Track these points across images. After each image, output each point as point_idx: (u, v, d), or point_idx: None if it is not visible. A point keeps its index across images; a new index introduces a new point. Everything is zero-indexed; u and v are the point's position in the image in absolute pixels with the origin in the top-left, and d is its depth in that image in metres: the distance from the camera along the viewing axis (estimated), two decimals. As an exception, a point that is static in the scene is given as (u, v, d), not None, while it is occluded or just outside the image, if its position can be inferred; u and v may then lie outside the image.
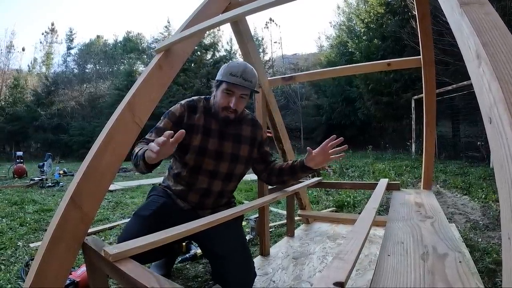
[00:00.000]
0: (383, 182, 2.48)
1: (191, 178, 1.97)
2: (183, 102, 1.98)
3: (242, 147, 2.06)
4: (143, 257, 1.53)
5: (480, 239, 3.03)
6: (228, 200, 2.17)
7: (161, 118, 1.94)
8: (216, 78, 1.93)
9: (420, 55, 2.46)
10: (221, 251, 1.82)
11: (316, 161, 1.89)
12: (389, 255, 1.14)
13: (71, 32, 37.58)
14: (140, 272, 1.02)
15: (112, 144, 1.31)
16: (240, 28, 2.38)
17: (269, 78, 2.88)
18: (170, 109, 1.95)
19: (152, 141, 1.67)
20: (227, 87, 1.85)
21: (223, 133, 1.98)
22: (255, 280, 1.99)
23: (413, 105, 12.46)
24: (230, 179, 2.07)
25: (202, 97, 2.05)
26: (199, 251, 2.72)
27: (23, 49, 37.56)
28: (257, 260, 2.47)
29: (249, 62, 2.49)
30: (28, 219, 4.20)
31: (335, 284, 0.77)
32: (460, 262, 1.07)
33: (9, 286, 2.28)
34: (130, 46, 35.45)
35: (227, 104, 1.87)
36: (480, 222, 3.62)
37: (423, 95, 2.55)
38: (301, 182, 2.69)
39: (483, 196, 4.69)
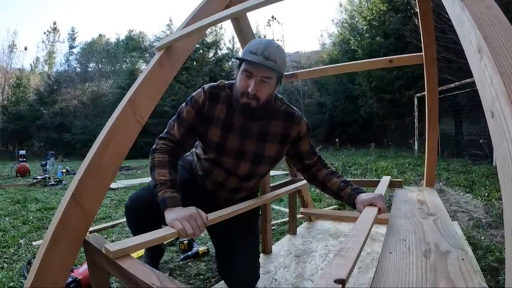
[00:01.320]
0: (385, 180, 2.47)
1: (208, 168, 1.83)
2: (206, 87, 1.73)
3: (269, 146, 1.79)
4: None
5: (483, 237, 3.02)
6: (245, 195, 1.99)
7: (184, 104, 1.72)
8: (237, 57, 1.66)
9: (422, 52, 2.45)
10: (233, 247, 1.80)
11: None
12: (391, 253, 1.13)
13: (73, 31, 37.69)
14: (141, 269, 1.02)
15: (113, 142, 1.31)
16: (241, 25, 2.37)
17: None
18: (192, 94, 1.73)
19: (177, 138, 1.67)
20: (245, 67, 1.56)
21: (246, 130, 1.74)
22: (256, 278, 2.00)
23: (415, 102, 12.43)
24: (250, 179, 1.88)
25: (227, 83, 1.76)
26: (201, 248, 2.72)
27: (26, 49, 37.43)
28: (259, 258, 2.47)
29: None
30: (31, 217, 4.21)
31: (336, 281, 0.77)
32: (462, 259, 1.06)
33: (12, 284, 2.29)
34: (132, 45, 35.52)
35: (246, 88, 1.56)
36: (483, 220, 3.61)
37: (426, 92, 2.54)
38: (302, 180, 2.68)
39: (486, 194, 4.67)
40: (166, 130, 1.72)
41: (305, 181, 2.61)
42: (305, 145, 1.87)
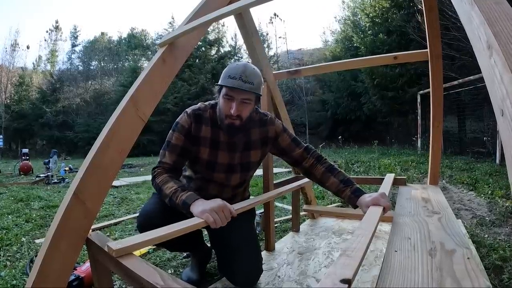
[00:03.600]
0: (389, 177, 2.45)
1: (202, 184, 1.96)
2: (189, 111, 1.85)
3: (253, 153, 1.97)
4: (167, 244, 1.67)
5: (486, 235, 3.01)
6: (241, 199, 2.11)
7: (171, 131, 1.84)
8: (217, 83, 1.80)
9: (426, 49, 2.43)
10: (230, 242, 1.81)
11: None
12: (396, 251, 1.12)
13: (75, 29, 37.77)
14: (143, 268, 1.01)
15: (115, 139, 1.30)
16: (245, 21, 2.35)
17: (274, 72, 2.86)
18: (177, 120, 1.84)
19: (170, 165, 1.79)
20: (226, 91, 1.71)
21: (232, 145, 1.89)
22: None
23: (418, 100, 12.39)
24: (241, 185, 2.06)
25: (209, 105, 1.91)
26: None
27: (28, 47, 37.36)
28: (262, 255, 2.46)
29: (254, 56, 2.47)
30: (34, 215, 4.21)
31: (342, 281, 0.76)
32: (468, 258, 1.06)
33: (14, 282, 2.28)
34: (135, 43, 35.55)
35: (228, 111, 1.71)
36: (487, 218, 3.59)
37: (430, 89, 2.52)
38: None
39: (489, 192, 4.64)
40: (158, 159, 1.83)
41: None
42: (284, 139, 2.02)
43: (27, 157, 10.48)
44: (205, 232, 2.55)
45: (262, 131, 1.98)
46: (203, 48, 26.99)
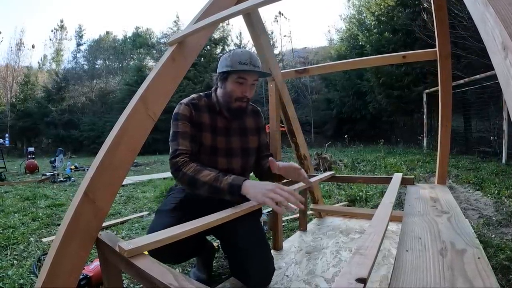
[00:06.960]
0: (397, 177, 2.45)
1: None
2: (185, 101, 1.90)
3: (251, 138, 2.08)
4: (170, 255, 1.66)
5: (493, 235, 2.99)
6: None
7: (173, 123, 1.85)
8: (222, 70, 1.87)
9: (434, 48, 2.42)
10: (243, 243, 1.79)
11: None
12: (407, 251, 1.12)
13: (80, 28, 38.09)
14: (156, 269, 1.00)
15: (125, 138, 1.29)
16: (253, 21, 2.35)
17: (282, 71, 2.85)
18: (176, 112, 1.87)
19: (190, 150, 1.79)
20: (240, 75, 1.82)
21: (229, 130, 1.98)
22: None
23: (424, 99, 12.33)
24: (244, 173, 2.06)
25: (203, 94, 2.01)
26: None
27: (33, 46, 37.39)
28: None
29: (262, 55, 2.47)
30: (40, 214, 4.24)
31: (358, 280, 0.76)
32: (479, 258, 1.06)
33: (22, 281, 2.29)
34: (140, 41, 35.71)
35: (241, 94, 1.85)
36: (493, 218, 3.57)
37: (439, 89, 2.50)
38: (314, 176, 2.67)
39: (496, 191, 4.63)
40: (173, 149, 1.78)
41: (316, 178, 2.60)
42: (264, 138, 2.20)
43: (33, 156, 10.55)
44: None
45: (256, 120, 2.15)
46: (208, 47, 27.05)
